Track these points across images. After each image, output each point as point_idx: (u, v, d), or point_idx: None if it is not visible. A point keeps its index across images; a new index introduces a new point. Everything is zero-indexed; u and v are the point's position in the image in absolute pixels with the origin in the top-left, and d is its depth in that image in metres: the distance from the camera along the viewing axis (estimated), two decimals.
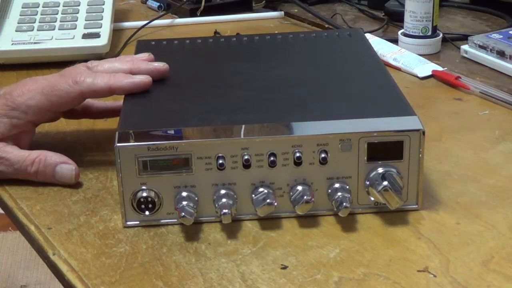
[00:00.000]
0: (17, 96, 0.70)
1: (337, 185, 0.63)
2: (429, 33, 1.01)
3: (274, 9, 1.25)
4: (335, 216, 0.63)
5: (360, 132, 0.62)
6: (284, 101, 0.68)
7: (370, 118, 0.63)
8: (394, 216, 0.63)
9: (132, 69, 0.72)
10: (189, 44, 0.83)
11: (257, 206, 0.62)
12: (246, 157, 0.61)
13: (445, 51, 1.03)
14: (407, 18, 1.02)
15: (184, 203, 0.61)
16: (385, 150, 0.62)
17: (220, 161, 0.61)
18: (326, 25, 1.14)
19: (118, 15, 1.19)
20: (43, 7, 1.08)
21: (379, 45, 1.00)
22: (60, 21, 1.06)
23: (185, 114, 0.66)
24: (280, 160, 0.62)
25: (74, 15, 1.07)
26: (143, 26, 1.13)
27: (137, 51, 0.81)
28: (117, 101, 0.78)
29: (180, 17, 1.21)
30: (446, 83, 0.92)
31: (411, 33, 1.02)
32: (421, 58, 0.98)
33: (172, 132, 0.62)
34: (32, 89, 0.70)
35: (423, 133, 0.62)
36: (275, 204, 0.62)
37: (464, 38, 1.05)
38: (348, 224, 0.63)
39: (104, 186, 0.70)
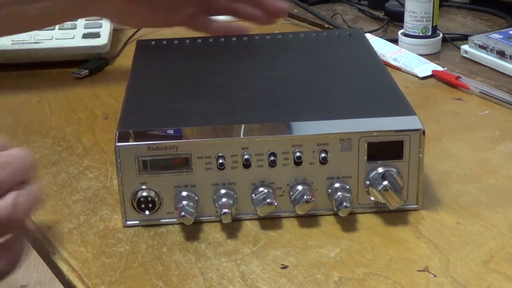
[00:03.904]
0: None
1: (337, 185, 0.63)
2: (429, 33, 1.01)
3: None
4: (335, 216, 0.63)
5: (360, 132, 0.62)
6: (284, 101, 0.68)
7: (370, 118, 0.63)
8: (394, 216, 0.63)
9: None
10: (189, 44, 0.83)
11: (257, 206, 0.62)
12: (246, 156, 0.61)
13: (445, 51, 1.03)
14: (407, 18, 1.02)
15: (184, 202, 0.61)
16: (385, 150, 0.62)
17: (220, 161, 0.61)
18: (326, 25, 1.14)
19: None
20: None
21: (379, 45, 1.00)
22: None
23: (185, 113, 0.66)
24: (280, 160, 0.62)
25: None
26: None
27: (137, 51, 0.81)
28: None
29: None
30: (446, 83, 0.92)
31: (411, 33, 1.02)
32: (421, 58, 0.98)
33: (172, 131, 0.62)
34: None
35: (423, 133, 0.62)
36: (275, 203, 0.62)
37: (464, 38, 1.05)
38: (348, 224, 0.63)
39: (104, 186, 0.70)
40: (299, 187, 0.62)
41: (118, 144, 0.61)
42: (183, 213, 0.61)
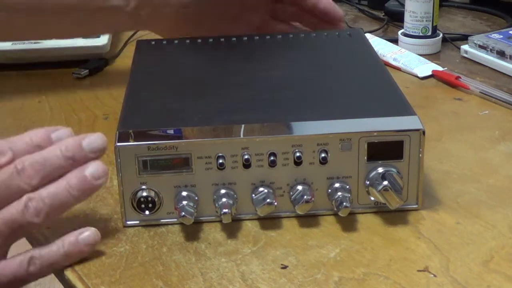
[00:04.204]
0: None
1: (337, 185, 0.63)
2: (429, 33, 1.01)
3: None
4: (335, 216, 0.63)
5: (360, 132, 0.62)
6: (284, 101, 0.68)
7: (370, 118, 0.63)
8: (394, 216, 0.63)
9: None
10: (189, 44, 0.83)
11: (257, 206, 0.62)
12: (246, 156, 0.61)
13: (445, 51, 1.03)
14: (407, 18, 1.02)
15: (184, 202, 0.61)
16: (385, 150, 0.62)
17: (220, 161, 0.61)
18: None
19: None
20: None
21: (379, 45, 1.00)
22: None
23: (185, 113, 0.66)
24: (280, 160, 0.62)
25: None
26: None
27: (137, 51, 0.81)
28: None
29: None
30: (446, 83, 0.92)
31: (411, 33, 1.02)
32: (421, 58, 0.98)
33: (172, 131, 0.62)
34: None
35: (423, 133, 0.62)
36: (275, 203, 0.62)
37: (464, 38, 1.05)
38: (348, 223, 0.63)
39: (104, 186, 0.69)
40: (299, 187, 0.62)
41: (118, 144, 0.61)
42: (183, 213, 0.61)
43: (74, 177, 0.57)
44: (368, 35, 1.00)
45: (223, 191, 0.62)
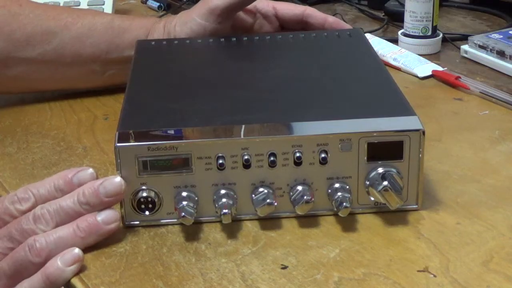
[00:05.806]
0: None
1: (337, 185, 0.63)
2: (429, 33, 1.01)
3: None
4: (335, 216, 0.63)
5: (360, 132, 0.62)
6: (284, 101, 0.68)
7: (370, 118, 0.63)
8: (394, 216, 0.63)
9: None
10: (189, 44, 0.83)
11: (257, 206, 0.62)
12: (246, 157, 0.61)
13: (445, 51, 1.03)
14: (407, 18, 1.02)
15: (184, 203, 0.61)
16: (385, 150, 0.62)
17: (220, 161, 0.61)
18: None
19: None
20: None
21: (379, 45, 1.00)
22: None
23: (185, 114, 0.66)
24: (280, 160, 0.62)
25: None
26: None
27: (137, 51, 0.81)
28: None
29: None
30: (446, 83, 0.92)
31: (411, 33, 1.02)
32: (421, 58, 0.98)
33: (172, 132, 0.62)
34: None
35: (423, 133, 0.62)
36: (275, 204, 0.62)
37: (464, 38, 1.05)
38: (348, 224, 0.63)
39: None
40: (299, 188, 0.62)
41: (118, 144, 0.61)
42: (183, 213, 0.61)
43: (84, 221, 0.60)
44: (368, 35, 1.00)
45: (223, 191, 0.62)
